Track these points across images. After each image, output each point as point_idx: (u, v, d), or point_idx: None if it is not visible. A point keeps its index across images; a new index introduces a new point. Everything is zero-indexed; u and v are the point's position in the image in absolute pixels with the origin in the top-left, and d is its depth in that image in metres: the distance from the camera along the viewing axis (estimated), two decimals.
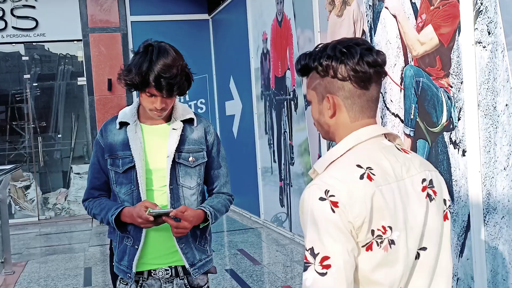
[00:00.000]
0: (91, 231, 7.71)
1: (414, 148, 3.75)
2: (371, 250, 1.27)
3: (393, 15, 3.87)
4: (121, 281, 2.22)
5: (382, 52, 1.38)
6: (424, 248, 1.36)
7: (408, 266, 1.32)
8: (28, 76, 8.95)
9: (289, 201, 6.21)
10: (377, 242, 1.27)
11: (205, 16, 9.02)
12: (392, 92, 3.95)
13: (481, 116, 3.10)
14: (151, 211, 2.04)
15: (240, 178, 7.39)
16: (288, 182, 6.23)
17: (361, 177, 1.28)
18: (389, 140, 1.43)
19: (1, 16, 8.47)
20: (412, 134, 3.76)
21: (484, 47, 3.04)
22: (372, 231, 1.26)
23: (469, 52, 3.14)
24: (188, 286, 2.19)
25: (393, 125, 3.97)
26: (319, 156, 5.31)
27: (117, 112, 2.31)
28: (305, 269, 1.26)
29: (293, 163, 6.04)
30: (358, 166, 1.31)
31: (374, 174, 1.30)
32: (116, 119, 2.22)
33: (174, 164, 2.15)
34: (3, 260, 5.72)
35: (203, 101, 9.04)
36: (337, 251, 1.23)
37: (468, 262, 3.30)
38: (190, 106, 8.99)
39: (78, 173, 9.18)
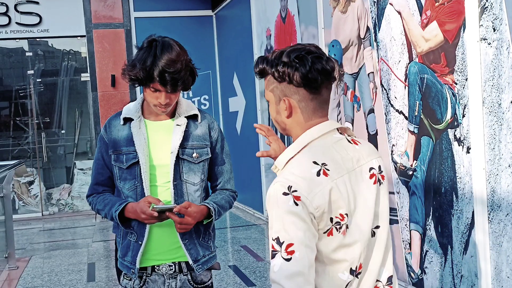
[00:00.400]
0: (94, 226, 7.72)
1: (418, 145, 3.74)
2: (332, 235, 1.47)
3: (397, 11, 3.86)
4: (125, 277, 2.22)
5: (332, 59, 1.54)
6: (378, 227, 1.57)
7: (365, 244, 1.52)
8: (31, 72, 8.96)
9: None
10: (336, 228, 1.47)
11: (208, 12, 9.01)
12: (396, 89, 3.94)
13: (485, 113, 3.09)
14: (155, 206, 2.04)
15: (243, 174, 7.39)
16: None
17: (318, 173, 1.46)
18: (340, 133, 1.59)
19: (4, 12, 8.48)
20: (416, 131, 3.75)
21: (489, 43, 3.03)
22: (331, 219, 1.46)
23: (474, 49, 3.13)
24: (191, 282, 2.19)
25: (397, 122, 3.96)
26: None
27: (121, 108, 2.31)
28: (272, 257, 1.44)
29: None
30: (314, 163, 1.48)
31: (328, 170, 1.48)
32: (120, 115, 2.21)
33: (178, 160, 2.14)
34: (7, 255, 5.74)
35: (207, 97, 9.04)
36: (299, 239, 1.41)
37: (472, 259, 3.29)
38: (193, 102, 8.99)
39: (81, 169, 9.20)
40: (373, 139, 4.33)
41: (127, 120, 2.19)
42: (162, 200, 2.12)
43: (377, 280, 1.57)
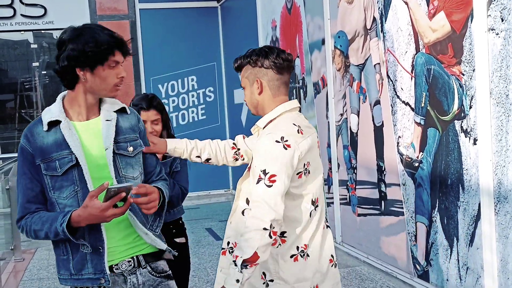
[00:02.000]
0: None
1: (424, 137, 3.72)
2: (301, 177, 2.05)
3: (404, 1, 3.82)
4: None
5: (290, 53, 2.16)
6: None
7: (320, 185, 2.13)
8: (36, 64, 8.96)
9: None
10: (304, 172, 2.06)
11: (213, 4, 8.97)
12: (403, 80, 3.91)
13: (493, 104, 3.06)
14: (110, 187, 1.84)
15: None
16: None
17: (298, 131, 2.06)
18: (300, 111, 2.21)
19: (9, 4, 8.47)
20: (422, 123, 3.72)
21: (497, 34, 3.00)
22: (304, 164, 2.04)
23: (481, 39, 3.10)
24: (153, 272, 2.10)
25: (404, 113, 3.93)
26: (328, 145, 5.28)
27: (125, 100, 2.25)
28: (257, 182, 1.97)
29: None
30: (294, 124, 2.07)
31: (303, 130, 2.07)
32: (41, 121, 2.02)
33: (114, 156, 2.03)
34: (13, 247, 5.77)
35: (212, 89, 9.02)
36: (281, 173, 1.96)
37: (478, 251, 3.27)
38: (198, 94, 8.98)
39: None
40: (379, 130, 4.31)
41: (52, 125, 2.00)
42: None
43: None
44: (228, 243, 2.14)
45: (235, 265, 1.89)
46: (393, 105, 4.06)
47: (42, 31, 9.05)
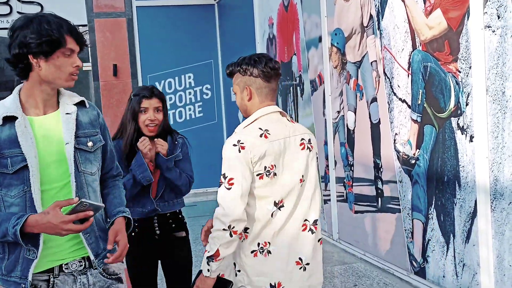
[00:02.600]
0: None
1: (421, 134, 3.73)
2: (262, 178, 2.18)
3: None
4: None
5: (277, 61, 2.32)
6: (305, 181, 2.27)
7: (290, 188, 2.22)
8: None
9: None
10: (266, 174, 2.18)
11: (210, 1, 8.96)
12: (400, 77, 3.91)
13: (489, 102, 3.07)
14: (84, 201, 1.82)
15: None
16: None
17: (261, 135, 2.19)
18: (282, 115, 2.32)
19: (6, 1, 8.44)
20: (419, 120, 3.73)
21: (493, 31, 3.00)
22: (265, 167, 2.17)
23: (478, 37, 3.10)
24: (104, 274, 2.07)
25: (400, 110, 3.94)
26: (325, 142, 5.29)
27: (123, 98, 2.24)
28: (219, 186, 2.16)
29: None
30: (260, 129, 2.22)
31: (269, 134, 2.20)
32: None
33: (74, 151, 2.00)
34: None
35: (209, 87, 9.01)
36: (238, 176, 2.12)
37: (474, 248, 3.29)
38: (195, 92, 8.98)
39: None
40: (375, 127, 4.32)
41: (7, 120, 1.92)
42: (62, 196, 1.95)
43: (305, 220, 2.27)
44: None
45: (205, 258, 2.18)
46: (389, 102, 4.07)
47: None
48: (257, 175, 2.16)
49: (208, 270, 2.17)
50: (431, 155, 3.65)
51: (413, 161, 3.85)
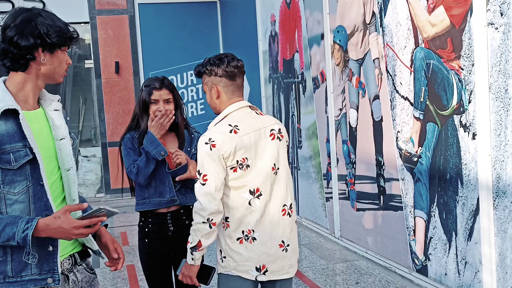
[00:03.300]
0: None
1: (423, 131, 3.72)
2: (236, 171, 2.34)
3: None
4: None
5: (240, 59, 2.44)
6: (278, 168, 2.42)
7: (264, 177, 2.37)
8: None
9: (296, 185, 6.20)
10: (239, 166, 2.34)
11: None
12: (402, 74, 3.90)
13: (492, 99, 3.06)
14: (102, 207, 1.83)
15: None
16: (296, 165, 6.21)
17: (230, 131, 2.33)
18: (251, 109, 2.45)
19: None
20: (421, 117, 3.73)
21: (496, 28, 2.99)
22: (237, 161, 2.33)
23: (481, 34, 3.09)
24: (87, 269, 2.08)
25: (403, 108, 3.93)
26: (327, 140, 5.29)
27: (125, 95, 2.24)
28: (195, 182, 2.33)
29: (301, 147, 6.02)
30: (229, 125, 2.35)
31: (238, 129, 2.34)
32: None
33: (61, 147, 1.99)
34: None
35: None
36: (211, 172, 2.29)
37: (476, 245, 3.28)
38: (197, 89, 8.97)
39: (86, 156, 9.21)
40: (378, 125, 4.31)
41: (6, 113, 1.85)
42: (53, 191, 1.94)
43: (284, 205, 2.43)
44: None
45: (189, 249, 2.37)
46: (392, 100, 4.06)
47: None
48: (231, 168, 2.32)
49: (192, 259, 2.37)
50: (433, 152, 3.64)
51: (415, 159, 3.84)
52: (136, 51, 8.73)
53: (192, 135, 2.95)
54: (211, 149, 2.29)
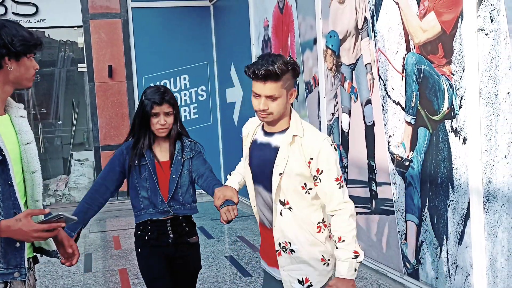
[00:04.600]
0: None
1: (415, 136, 3.75)
2: None
3: (395, 1, 3.85)
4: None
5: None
6: None
7: None
8: None
9: None
10: None
11: (206, 3, 8.97)
12: (394, 79, 3.93)
13: (482, 104, 3.09)
14: (62, 213, 1.92)
15: None
16: None
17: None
18: None
19: (1, 2, 8.43)
20: (413, 122, 3.75)
21: (486, 34, 3.03)
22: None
23: (471, 40, 3.13)
24: (35, 276, 2.17)
25: (394, 112, 3.96)
26: None
27: (118, 99, 2.26)
28: (338, 186, 2.21)
29: None
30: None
31: None
32: None
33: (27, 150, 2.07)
34: None
35: (204, 88, 9.02)
36: (340, 171, 2.25)
37: (467, 249, 3.30)
38: (190, 93, 8.98)
39: (78, 160, 9.19)
40: (370, 130, 4.33)
41: None
42: (20, 191, 2.01)
43: None
44: (279, 243, 2.30)
45: (354, 257, 2.14)
46: (384, 105, 4.09)
47: (34, 29, 9.01)
48: None
49: (355, 270, 2.16)
50: (424, 157, 3.67)
51: (406, 163, 3.87)
52: (129, 55, 8.73)
53: (184, 144, 2.94)
54: (336, 150, 2.24)
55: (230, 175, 2.58)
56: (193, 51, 8.83)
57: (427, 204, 3.68)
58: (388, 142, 4.07)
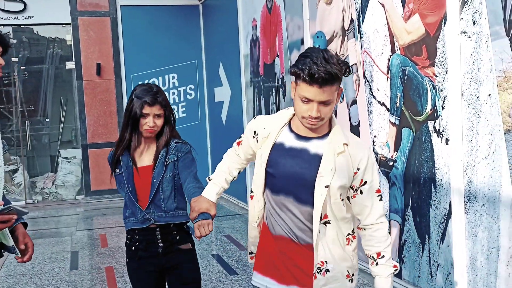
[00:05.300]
0: (78, 215, 7.71)
1: (399, 136, 3.80)
2: None
3: (381, 3, 3.89)
4: None
5: None
6: None
7: None
8: (16, 59, 8.87)
9: None
10: None
11: (195, 2, 8.98)
12: (379, 80, 3.98)
13: (464, 106, 3.14)
14: (12, 206, 1.97)
15: None
16: None
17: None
18: None
19: None
20: (397, 123, 3.80)
21: (469, 37, 3.08)
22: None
23: (454, 42, 3.18)
24: None
25: (379, 113, 4.01)
26: None
27: (106, 97, 2.28)
28: (378, 197, 2.11)
29: None
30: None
31: None
32: None
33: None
34: None
35: (192, 87, 9.03)
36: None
37: (448, 248, 3.36)
38: (179, 92, 8.99)
39: (66, 158, 9.16)
40: (355, 130, 4.38)
41: None
42: None
43: None
44: (315, 264, 2.05)
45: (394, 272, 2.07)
46: (369, 105, 4.14)
47: (22, 26, 8.97)
48: None
49: (396, 270, 2.09)
50: (408, 157, 3.72)
51: (391, 163, 3.91)
52: (118, 53, 8.72)
53: (169, 146, 2.72)
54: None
55: (209, 179, 2.36)
56: (182, 49, 8.84)
57: (410, 204, 3.73)
58: (373, 142, 4.12)
